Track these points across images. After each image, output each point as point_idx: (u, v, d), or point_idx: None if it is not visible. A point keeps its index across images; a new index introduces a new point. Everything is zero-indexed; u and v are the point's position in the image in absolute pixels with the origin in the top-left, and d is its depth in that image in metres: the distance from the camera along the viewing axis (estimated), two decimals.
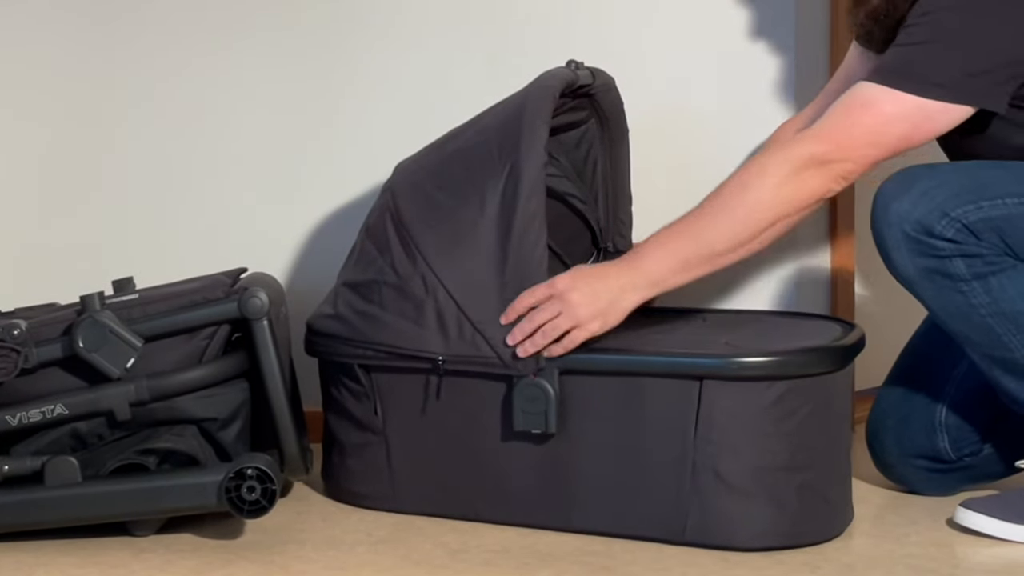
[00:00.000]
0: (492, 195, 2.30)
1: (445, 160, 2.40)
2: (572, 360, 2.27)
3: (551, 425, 2.27)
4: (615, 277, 2.28)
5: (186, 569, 2.20)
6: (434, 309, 2.32)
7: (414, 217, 2.36)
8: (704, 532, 2.23)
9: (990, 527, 2.26)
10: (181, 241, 2.93)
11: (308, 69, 2.90)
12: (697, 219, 2.26)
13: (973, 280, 2.21)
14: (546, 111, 2.30)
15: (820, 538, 2.26)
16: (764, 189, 2.22)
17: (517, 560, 2.21)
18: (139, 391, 2.32)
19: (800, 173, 2.22)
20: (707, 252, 2.24)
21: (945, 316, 2.26)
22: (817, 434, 2.25)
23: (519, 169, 2.28)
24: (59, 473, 2.28)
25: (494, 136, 2.34)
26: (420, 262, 2.34)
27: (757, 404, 2.20)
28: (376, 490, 2.43)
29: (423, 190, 2.38)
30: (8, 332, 2.30)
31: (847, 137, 2.22)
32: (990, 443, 2.45)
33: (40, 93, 2.93)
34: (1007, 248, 2.20)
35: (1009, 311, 2.21)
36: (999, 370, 2.27)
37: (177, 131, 2.93)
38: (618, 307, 2.27)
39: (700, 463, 2.22)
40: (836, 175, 2.22)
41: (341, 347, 2.41)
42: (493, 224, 2.30)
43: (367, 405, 2.41)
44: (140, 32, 2.92)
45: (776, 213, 2.23)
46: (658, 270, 2.26)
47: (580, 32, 2.82)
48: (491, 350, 2.29)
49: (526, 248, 2.27)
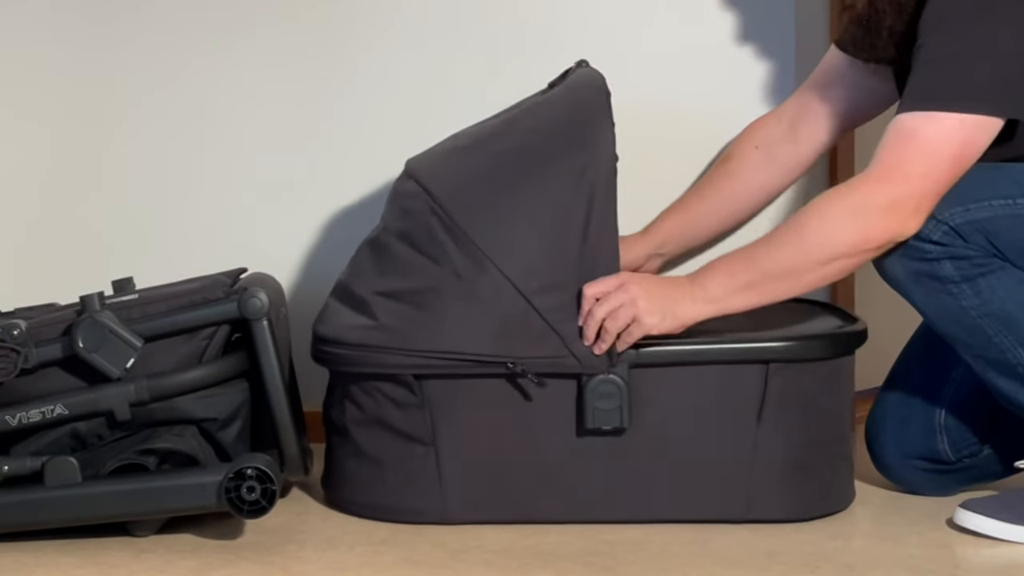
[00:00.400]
0: (565, 195, 2.30)
1: (494, 162, 2.37)
2: (644, 354, 2.30)
3: (625, 421, 2.29)
4: (678, 287, 2.29)
5: (186, 569, 2.20)
6: (502, 312, 2.30)
7: (473, 220, 2.31)
8: (764, 509, 2.34)
9: (990, 528, 2.26)
10: (181, 241, 2.93)
11: (308, 69, 2.90)
12: (763, 249, 2.27)
13: (962, 282, 2.21)
14: (610, 110, 2.34)
15: (848, 503, 2.43)
16: (828, 231, 2.21)
17: (518, 560, 2.21)
18: (139, 391, 2.32)
19: (863, 217, 2.19)
20: (763, 279, 2.25)
21: (936, 319, 2.27)
22: (848, 408, 2.41)
23: (595, 168, 2.29)
24: (59, 473, 2.28)
25: (554, 137, 2.35)
26: (489, 266, 2.30)
27: (814, 382, 2.34)
28: (422, 503, 2.37)
29: (477, 193, 2.34)
30: (8, 332, 2.30)
31: (902, 174, 2.18)
32: (989, 444, 2.45)
33: (40, 93, 2.93)
34: (994, 250, 2.20)
35: (999, 312, 2.22)
36: (993, 372, 2.27)
37: (177, 131, 2.93)
38: (676, 312, 2.27)
39: (762, 443, 2.31)
40: (903, 215, 2.19)
41: (389, 358, 2.33)
42: (568, 224, 2.29)
43: (416, 415, 2.35)
44: (140, 32, 2.92)
45: (829, 254, 2.22)
46: (716, 289, 2.27)
47: (580, 32, 2.82)
48: (566, 349, 2.29)
49: (603, 248, 2.29)
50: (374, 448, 2.39)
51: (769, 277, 2.25)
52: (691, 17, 2.78)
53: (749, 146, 2.62)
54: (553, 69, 2.75)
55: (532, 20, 2.84)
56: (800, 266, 2.24)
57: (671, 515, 2.35)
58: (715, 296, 2.27)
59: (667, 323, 2.27)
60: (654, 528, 2.33)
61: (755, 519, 2.34)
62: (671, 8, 2.79)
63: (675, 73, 2.79)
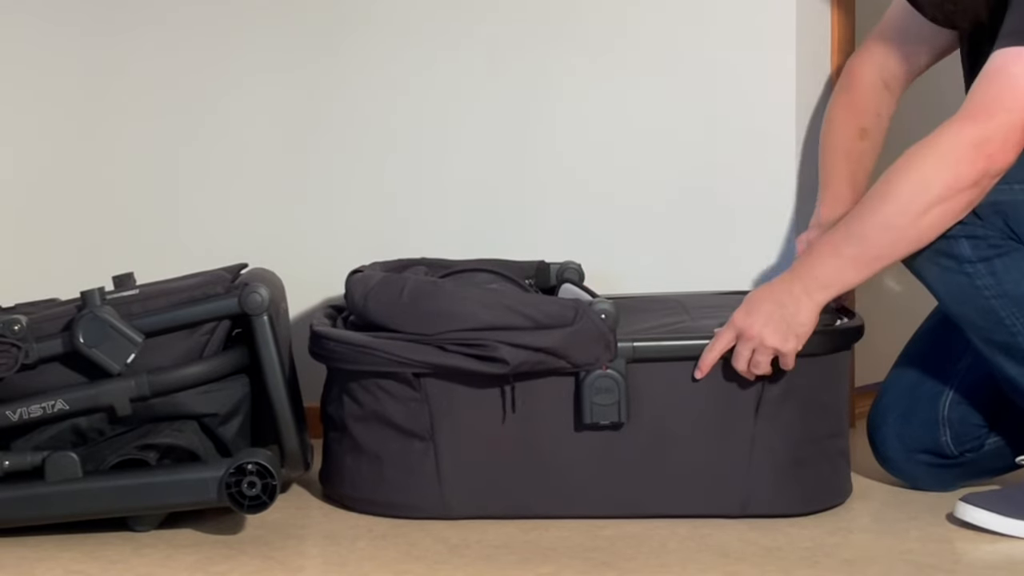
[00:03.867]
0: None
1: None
2: (641, 349, 2.31)
3: (623, 415, 2.30)
4: (786, 290, 2.26)
5: (186, 564, 2.20)
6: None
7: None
8: (762, 504, 2.34)
9: (991, 522, 2.26)
10: (181, 239, 2.93)
11: (308, 68, 2.91)
12: (857, 216, 2.23)
13: (978, 262, 2.22)
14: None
15: (844, 497, 2.43)
16: (918, 178, 2.17)
17: (518, 555, 2.21)
18: (139, 386, 2.32)
19: (951, 157, 2.16)
20: (870, 248, 2.21)
21: (949, 298, 2.27)
22: (844, 402, 2.41)
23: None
24: (60, 468, 2.28)
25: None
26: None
27: (811, 377, 2.33)
28: (420, 499, 2.37)
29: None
30: (8, 327, 2.30)
31: (985, 111, 2.16)
32: (991, 438, 2.46)
33: (40, 90, 2.94)
34: (1011, 232, 2.21)
35: (1012, 293, 2.22)
36: (1001, 355, 2.28)
37: (177, 130, 2.93)
38: (800, 318, 2.25)
39: (760, 438, 2.31)
40: (992, 150, 2.16)
41: (387, 355, 2.34)
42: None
43: (415, 410, 2.36)
44: (140, 32, 2.92)
45: (928, 201, 2.18)
46: (826, 272, 2.24)
47: (580, 31, 2.82)
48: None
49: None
50: (373, 444, 2.39)
51: (873, 244, 2.21)
52: (691, 17, 2.79)
53: (873, 116, 2.60)
54: (553, 69, 2.76)
55: (533, 20, 2.84)
56: (901, 222, 2.19)
57: (668, 510, 2.35)
58: (828, 280, 2.24)
59: (802, 331, 2.25)
60: (653, 523, 2.33)
61: (752, 514, 2.34)
62: (671, 7, 2.79)
63: (675, 73, 2.80)
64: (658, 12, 2.79)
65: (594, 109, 2.82)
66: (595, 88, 2.82)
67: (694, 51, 2.79)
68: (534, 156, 2.86)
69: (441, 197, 2.89)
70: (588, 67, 2.82)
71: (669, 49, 2.80)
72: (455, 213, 2.89)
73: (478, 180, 2.88)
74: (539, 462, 2.35)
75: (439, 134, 2.88)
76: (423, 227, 2.89)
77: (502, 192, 2.87)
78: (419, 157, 2.89)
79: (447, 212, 2.89)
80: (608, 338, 2.30)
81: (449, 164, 2.89)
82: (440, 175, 2.89)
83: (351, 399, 2.40)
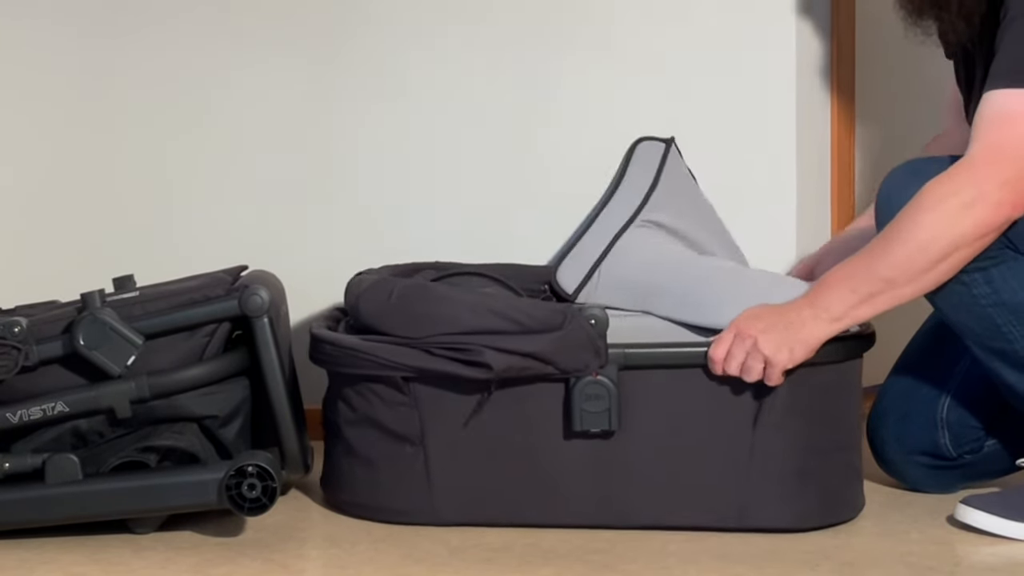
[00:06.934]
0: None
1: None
2: (634, 355, 2.28)
3: (614, 423, 2.27)
4: (796, 311, 2.25)
5: (186, 567, 2.20)
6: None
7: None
8: (761, 516, 2.29)
9: (991, 524, 2.26)
10: (181, 241, 2.93)
11: (308, 68, 2.90)
12: (872, 253, 2.22)
13: (975, 271, 2.22)
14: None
15: (856, 513, 2.36)
16: (934, 225, 2.17)
17: (518, 558, 2.21)
18: (140, 389, 2.32)
19: (980, 205, 2.15)
20: (885, 286, 2.21)
21: (947, 307, 2.27)
22: (855, 413, 2.35)
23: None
24: (60, 471, 2.28)
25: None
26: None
27: (813, 387, 2.28)
28: (411, 504, 2.36)
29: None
30: (9, 329, 2.30)
31: (1009, 155, 2.16)
32: (991, 440, 2.46)
33: (40, 91, 2.93)
34: (1008, 242, 2.21)
35: (1010, 302, 2.22)
36: (999, 362, 2.28)
37: (177, 130, 2.93)
38: (801, 339, 2.23)
39: (758, 449, 2.27)
40: (1018, 194, 2.16)
41: (378, 359, 2.33)
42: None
43: (404, 414, 2.34)
44: (140, 32, 2.92)
45: (948, 247, 2.18)
46: (838, 305, 2.23)
47: (580, 31, 2.82)
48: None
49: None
50: (365, 448, 2.38)
51: (891, 284, 2.20)
52: (691, 17, 2.79)
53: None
54: (553, 68, 2.76)
55: (533, 19, 2.84)
56: (922, 265, 2.19)
57: (662, 521, 2.31)
58: (839, 313, 2.23)
59: (797, 352, 2.23)
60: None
61: (750, 527, 2.29)
62: (671, 7, 2.79)
63: (674, 73, 2.80)
64: (658, 12, 2.79)
65: (594, 109, 2.82)
66: (595, 88, 2.82)
67: (694, 51, 2.79)
68: (536, 157, 2.86)
69: (442, 198, 2.89)
70: (588, 67, 2.82)
71: (669, 49, 2.80)
72: (457, 215, 2.88)
73: (481, 181, 2.87)
74: (530, 470, 2.32)
75: (440, 135, 2.88)
76: (425, 229, 2.88)
77: (504, 193, 2.87)
78: (419, 158, 2.89)
79: (449, 213, 2.88)
80: (597, 344, 2.27)
81: (450, 165, 2.88)
82: (441, 176, 2.89)
83: (345, 403, 2.40)
